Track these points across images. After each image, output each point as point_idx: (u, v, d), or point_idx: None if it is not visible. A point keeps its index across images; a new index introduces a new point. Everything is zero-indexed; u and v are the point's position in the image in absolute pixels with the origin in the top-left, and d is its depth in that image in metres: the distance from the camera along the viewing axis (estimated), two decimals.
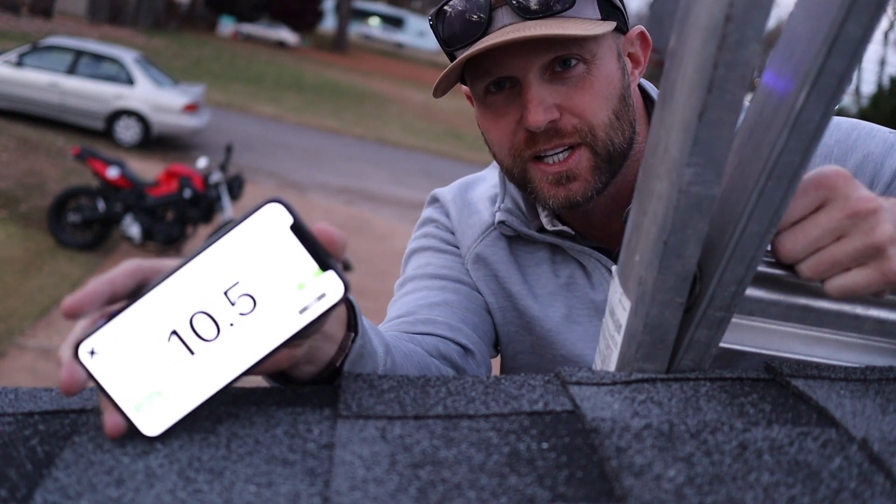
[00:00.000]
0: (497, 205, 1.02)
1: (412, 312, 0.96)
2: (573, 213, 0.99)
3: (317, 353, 0.60)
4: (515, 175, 0.94)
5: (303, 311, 0.52)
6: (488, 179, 1.10)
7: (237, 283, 0.51)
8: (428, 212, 1.11)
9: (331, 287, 0.52)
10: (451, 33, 0.89)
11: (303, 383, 0.63)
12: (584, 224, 1.00)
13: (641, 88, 0.99)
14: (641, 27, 0.96)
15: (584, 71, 0.87)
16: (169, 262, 0.52)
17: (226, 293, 0.51)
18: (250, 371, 0.52)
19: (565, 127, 0.87)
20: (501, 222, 1.01)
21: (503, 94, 0.90)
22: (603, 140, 0.88)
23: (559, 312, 1.00)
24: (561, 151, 0.89)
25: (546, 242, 1.01)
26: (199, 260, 0.51)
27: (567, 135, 0.88)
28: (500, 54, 0.86)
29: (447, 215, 1.08)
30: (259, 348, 0.52)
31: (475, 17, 0.86)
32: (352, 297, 0.61)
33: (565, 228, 0.98)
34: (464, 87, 0.97)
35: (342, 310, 0.63)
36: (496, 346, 1.06)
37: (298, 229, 0.51)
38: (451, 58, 0.92)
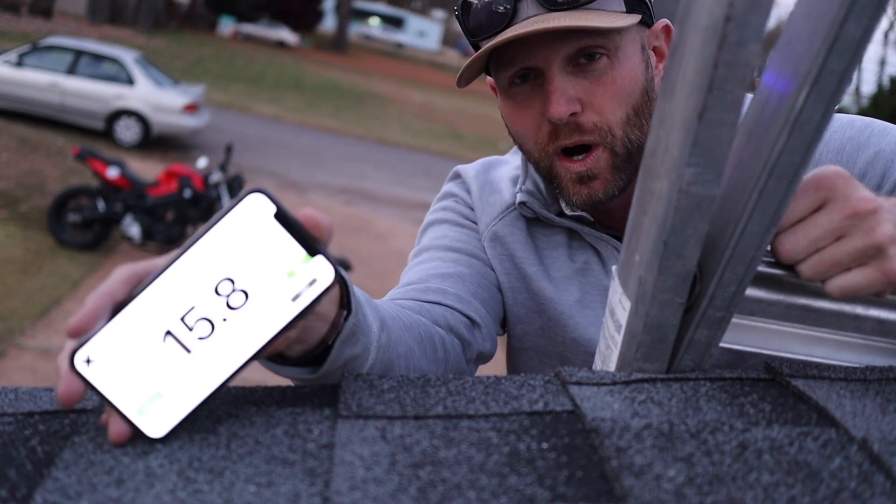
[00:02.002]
0: (518, 186, 1.03)
1: (423, 280, 0.97)
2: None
3: (309, 333, 0.60)
4: (542, 168, 0.95)
5: (295, 298, 0.52)
6: (511, 162, 1.11)
7: (227, 277, 0.51)
8: (449, 186, 1.12)
9: (321, 272, 0.52)
10: (477, 24, 0.90)
11: (293, 361, 0.63)
12: (602, 212, 1.01)
13: None
14: (667, 21, 0.96)
15: (608, 64, 0.88)
16: (159, 261, 0.52)
17: (216, 288, 0.51)
18: (251, 362, 0.52)
19: (586, 124, 0.88)
20: (522, 203, 1.02)
21: (527, 86, 0.91)
22: (621, 138, 0.89)
23: (573, 296, 1.01)
24: (582, 149, 0.90)
25: (564, 227, 1.02)
26: (187, 257, 0.51)
27: (587, 132, 0.89)
28: (524, 45, 0.87)
29: (468, 191, 1.09)
30: (255, 340, 0.52)
31: (500, 8, 0.87)
32: (344, 273, 0.61)
33: (584, 214, 0.99)
34: (489, 77, 0.98)
35: (335, 288, 0.62)
36: (503, 324, 1.06)
37: (282, 217, 0.51)
38: (476, 48, 0.93)
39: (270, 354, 0.59)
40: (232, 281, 0.51)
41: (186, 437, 0.51)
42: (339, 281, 0.63)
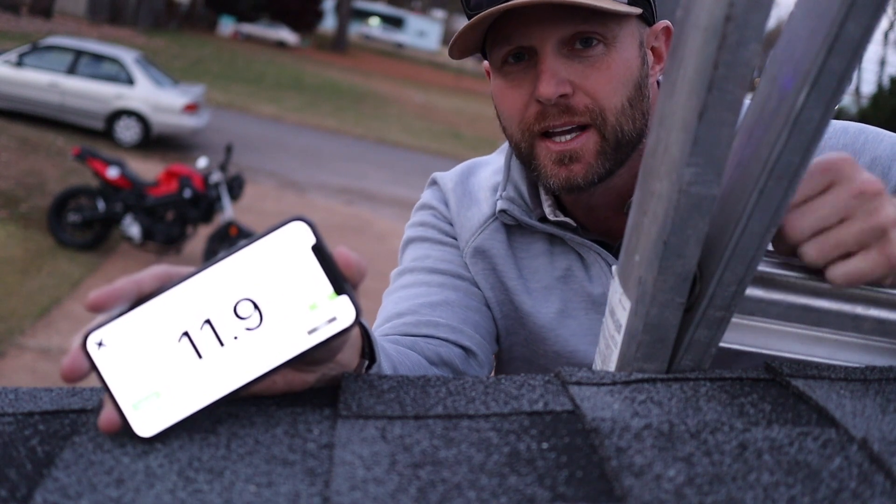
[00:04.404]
0: (499, 193, 1.01)
1: (413, 311, 0.95)
2: (577, 203, 0.98)
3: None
4: (523, 150, 0.93)
5: (311, 332, 0.52)
6: (492, 164, 1.09)
7: (251, 295, 0.51)
8: (427, 196, 1.10)
9: (342, 312, 0.52)
10: (478, 0, 0.88)
11: None
12: (587, 216, 0.99)
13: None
14: (668, 22, 0.95)
15: (603, 52, 0.87)
16: (191, 268, 0.53)
17: (238, 304, 0.51)
18: (254, 384, 0.52)
19: (577, 105, 0.87)
20: (503, 211, 1.00)
21: (520, 66, 0.90)
22: (613, 125, 0.88)
23: (553, 307, 1.00)
24: (569, 130, 0.88)
25: (545, 233, 1.00)
26: (218, 268, 0.51)
27: (578, 113, 0.87)
28: (521, 23, 0.86)
29: (446, 204, 1.07)
30: (263, 363, 0.52)
31: None
32: (366, 323, 0.61)
33: (567, 220, 0.98)
34: (484, 62, 0.97)
35: (356, 338, 0.63)
36: (498, 339, 1.06)
37: (319, 250, 0.51)
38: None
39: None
40: (255, 300, 0.51)
41: (186, 437, 0.51)
42: (362, 331, 0.63)
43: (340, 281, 0.52)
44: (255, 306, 0.52)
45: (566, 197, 0.99)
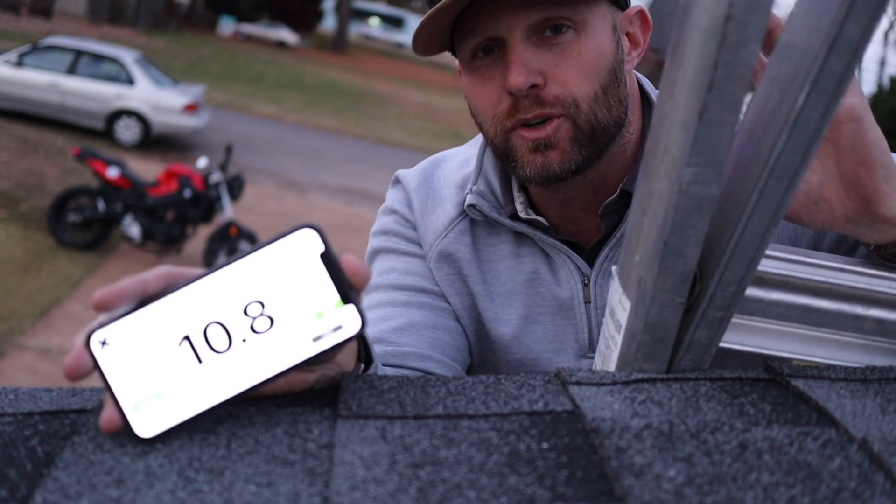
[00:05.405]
0: (469, 186, 0.98)
1: (380, 339, 0.93)
2: (551, 201, 0.95)
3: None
4: (498, 145, 0.90)
5: (317, 339, 0.52)
6: (459, 155, 1.05)
7: (258, 300, 0.52)
8: (390, 198, 1.07)
9: (348, 320, 0.52)
10: None
11: None
12: (559, 215, 0.96)
13: (639, 83, 0.96)
14: (641, 6, 0.93)
15: (574, 38, 0.84)
16: (198, 270, 0.53)
17: (245, 309, 0.51)
18: (255, 389, 0.52)
19: (547, 97, 0.85)
20: (471, 206, 0.97)
21: (490, 59, 0.87)
22: (586, 113, 0.85)
23: (517, 313, 0.97)
24: (543, 121, 0.86)
25: (513, 232, 0.97)
26: (225, 272, 0.51)
27: (549, 104, 0.85)
28: (488, 12, 0.84)
29: (409, 205, 1.04)
30: (267, 368, 0.52)
31: None
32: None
33: (539, 218, 0.95)
34: (457, 59, 0.94)
35: (354, 341, 0.63)
36: (471, 350, 1.03)
37: (328, 258, 0.52)
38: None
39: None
40: (262, 306, 0.52)
41: (186, 437, 0.51)
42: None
43: (347, 289, 0.52)
44: (263, 311, 0.52)
45: (541, 193, 0.96)
